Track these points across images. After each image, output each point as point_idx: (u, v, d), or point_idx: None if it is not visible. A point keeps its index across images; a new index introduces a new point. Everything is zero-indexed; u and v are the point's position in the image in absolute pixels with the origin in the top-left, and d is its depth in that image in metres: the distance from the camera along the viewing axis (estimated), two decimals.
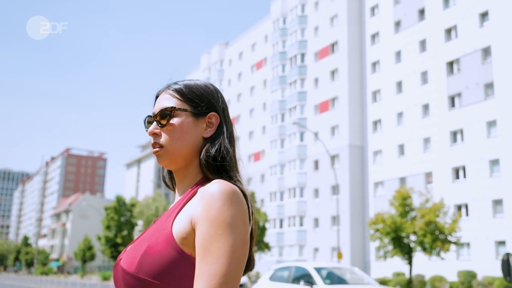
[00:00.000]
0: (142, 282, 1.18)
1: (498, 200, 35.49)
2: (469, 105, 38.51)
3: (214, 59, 71.63)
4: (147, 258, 1.19)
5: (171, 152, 1.33)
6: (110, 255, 61.13)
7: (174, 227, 1.22)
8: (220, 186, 1.21)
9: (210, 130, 1.36)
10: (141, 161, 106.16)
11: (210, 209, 1.18)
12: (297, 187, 51.57)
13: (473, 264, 35.27)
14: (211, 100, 1.38)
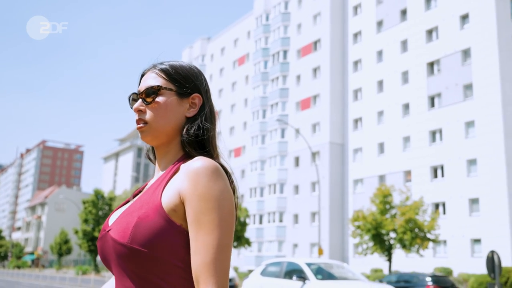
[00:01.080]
0: (135, 252, 1.24)
1: (475, 199, 36.30)
2: (448, 105, 39.24)
3: (196, 54, 71.49)
4: (139, 228, 1.25)
5: (154, 129, 1.39)
6: (88, 249, 60.61)
7: (163, 199, 1.29)
8: (203, 163, 1.28)
9: (193, 110, 1.43)
10: (119, 155, 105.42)
11: (198, 185, 1.25)
12: (278, 183, 51.92)
13: (449, 261, 36.04)
14: (195, 81, 1.45)
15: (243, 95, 61.20)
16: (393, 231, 27.82)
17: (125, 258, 1.26)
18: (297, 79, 53.22)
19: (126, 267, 1.28)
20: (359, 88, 47.81)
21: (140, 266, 1.26)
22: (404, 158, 41.91)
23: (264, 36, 58.21)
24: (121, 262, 1.28)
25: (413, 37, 43.18)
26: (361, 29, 48.66)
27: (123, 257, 1.26)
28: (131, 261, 1.26)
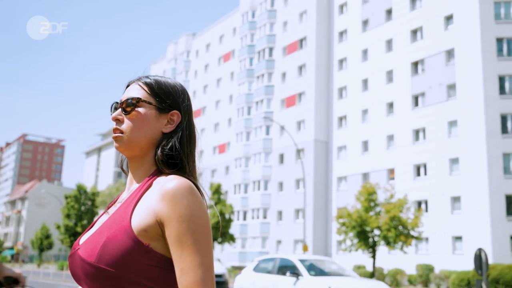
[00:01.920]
0: (102, 272, 1.26)
1: (457, 197, 36.92)
2: (432, 105, 39.79)
3: (181, 49, 71.28)
4: (106, 249, 1.26)
5: (129, 139, 1.40)
6: (70, 244, 60.28)
7: (132, 219, 1.29)
8: (178, 182, 1.29)
9: (170, 126, 1.44)
10: (102, 150, 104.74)
11: (176, 206, 1.26)
12: (262, 179, 52.15)
13: (431, 258, 36.61)
14: (176, 98, 1.46)
15: (228, 91, 61.26)
16: (378, 228, 28.20)
17: (93, 277, 1.27)
18: (283, 76, 53.45)
19: (94, 286, 1.29)
20: (344, 86, 48.21)
21: (107, 286, 1.27)
22: (387, 156, 42.42)
23: (250, 33, 58.32)
24: (89, 281, 1.29)
25: (398, 36, 43.67)
26: (346, 27, 49.04)
27: (91, 276, 1.28)
28: (98, 280, 1.27)
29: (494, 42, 37.27)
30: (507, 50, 37.27)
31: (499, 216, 34.31)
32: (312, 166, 47.23)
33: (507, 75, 36.73)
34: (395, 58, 43.44)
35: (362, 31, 47.22)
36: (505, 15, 37.79)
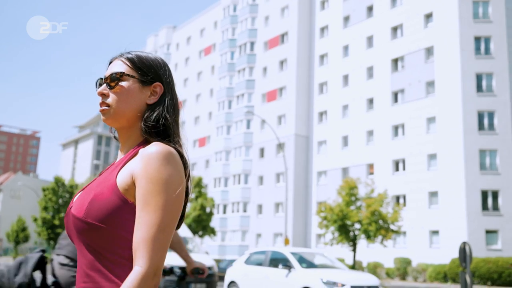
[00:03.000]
0: (90, 226, 1.36)
1: (434, 192, 37.72)
2: (411, 101, 40.48)
3: (161, 42, 70.94)
4: (94, 204, 1.37)
5: (115, 112, 1.49)
6: (47, 237, 59.72)
7: (118, 179, 1.41)
8: (158, 148, 1.38)
9: (153, 98, 1.52)
10: (79, 142, 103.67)
11: (148, 167, 1.35)
12: (242, 173, 52.41)
13: (408, 252, 37.37)
14: (157, 71, 1.54)
15: (208, 85, 61.25)
16: (358, 223, 28.73)
17: (82, 231, 1.38)
18: (264, 71, 53.68)
19: (83, 241, 1.40)
20: (325, 82, 48.67)
21: (94, 239, 1.38)
22: (367, 152, 43.04)
23: (231, 27, 58.36)
24: (79, 236, 1.40)
25: (379, 33, 44.24)
26: (328, 23, 49.45)
27: (80, 230, 1.39)
28: (86, 234, 1.38)
29: (472, 40, 38.03)
30: (485, 48, 38.08)
31: (475, 211, 35.18)
32: (293, 161, 47.64)
33: (484, 73, 37.55)
34: (376, 55, 44.02)
35: (343, 27, 47.68)
36: (483, 14, 38.58)
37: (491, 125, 36.77)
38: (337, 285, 10.84)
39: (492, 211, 35.22)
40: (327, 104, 47.68)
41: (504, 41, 37.71)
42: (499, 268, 27.29)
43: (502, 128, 36.44)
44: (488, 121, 36.84)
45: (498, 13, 38.24)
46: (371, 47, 44.87)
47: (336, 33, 48.20)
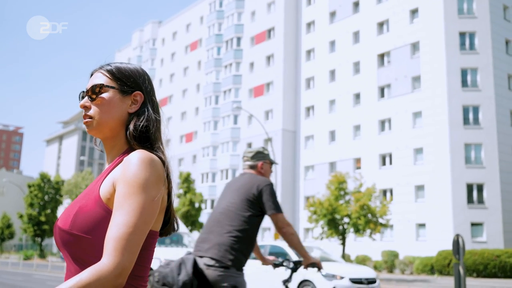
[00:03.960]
0: (75, 237, 1.38)
1: (420, 186, 38.27)
2: (397, 96, 40.94)
3: (147, 37, 70.62)
4: (78, 216, 1.39)
5: (98, 123, 1.52)
6: (33, 233, 59.33)
7: (101, 189, 1.43)
8: (139, 154, 1.42)
9: (134, 106, 1.55)
10: (63, 138, 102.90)
11: (127, 172, 1.39)
12: (230, 168, 52.55)
13: (395, 245, 37.89)
14: (137, 80, 1.57)
15: (195, 80, 61.19)
16: (347, 217, 29.09)
17: (68, 243, 1.40)
18: (251, 66, 53.80)
19: (70, 252, 1.42)
20: (312, 77, 48.96)
21: (80, 250, 1.40)
22: (354, 146, 43.45)
23: (218, 22, 58.33)
24: (66, 247, 1.42)
25: (365, 29, 44.60)
26: (314, 19, 49.70)
27: (66, 242, 1.41)
28: (72, 246, 1.40)
29: (457, 36, 38.55)
30: (469, 44, 38.64)
31: (460, 204, 35.78)
32: (280, 155, 47.91)
33: (469, 68, 38.11)
34: (362, 50, 44.39)
35: (330, 22, 47.96)
36: (467, 10, 39.11)
37: (476, 120, 37.37)
38: (336, 278, 11.10)
39: (477, 204, 35.86)
40: (314, 99, 47.98)
41: (489, 37, 38.30)
42: (485, 260, 27.85)
43: (486, 123, 37.06)
44: (473, 116, 37.44)
45: (483, 9, 38.81)
46: (357, 43, 45.22)
47: (323, 29, 48.47)
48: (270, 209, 4.02)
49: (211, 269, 3.85)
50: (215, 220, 4.08)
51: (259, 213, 4.07)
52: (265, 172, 4.32)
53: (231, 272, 3.86)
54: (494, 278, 27.27)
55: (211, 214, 4.17)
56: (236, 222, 3.97)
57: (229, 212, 4.02)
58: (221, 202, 4.18)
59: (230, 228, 3.95)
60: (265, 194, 4.04)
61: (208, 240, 3.97)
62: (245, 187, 4.09)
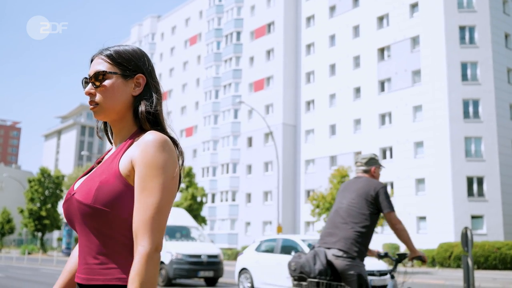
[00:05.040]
0: (97, 211, 1.45)
1: (421, 179, 38.58)
2: (398, 90, 41.17)
3: (146, 32, 70.58)
4: (101, 191, 1.46)
5: (105, 109, 1.58)
6: (34, 228, 59.45)
7: (120, 166, 1.50)
8: (154, 136, 1.49)
9: (138, 89, 1.61)
10: (62, 133, 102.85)
11: (145, 154, 1.46)
12: (230, 162, 52.79)
13: (396, 238, 38.05)
14: (137, 63, 1.62)
15: (195, 75, 61.27)
16: None
17: (89, 216, 1.47)
18: (251, 60, 53.91)
19: (90, 225, 1.48)
20: (312, 71, 49.13)
21: (102, 223, 1.47)
22: (354, 140, 43.71)
23: (217, 17, 58.37)
24: (86, 221, 1.48)
25: (365, 23, 44.75)
26: (314, 13, 49.81)
27: (87, 216, 1.47)
28: (94, 219, 1.47)
29: (457, 30, 38.76)
30: (469, 38, 38.86)
31: (460, 197, 36.11)
32: (281, 149, 48.13)
33: (469, 62, 38.36)
34: (362, 44, 44.56)
35: (329, 17, 48.09)
36: (467, 4, 39.30)
37: (476, 113, 37.65)
38: None
39: (478, 197, 36.20)
40: (315, 93, 48.18)
41: (488, 31, 38.53)
42: (486, 252, 28.22)
43: (486, 116, 37.35)
44: (473, 109, 37.72)
45: (482, 3, 39.01)
46: (357, 37, 45.38)
47: (323, 23, 48.60)
48: (386, 208, 4.71)
49: (339, 259, 4.49)
50: (338, 217, 4.75)
51: (376, 211, 4.74)
52: (377, 175, 5.00)
53: (356, 262, 4.55)
54: (495, 270, 27.63)
55: (332, 211, 4.81)
56: (358, 219, 4.63)
57: (351, 211, 4.68)
58: (342, 201, 4.84)
59: (353, 225, 4.61)
60: (381, 195, 4.73)
61: (334, 235, 4.65)
62: (363, 189, 4.76)
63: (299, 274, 4.63)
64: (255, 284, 13.34)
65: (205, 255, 15.65)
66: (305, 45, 50.12)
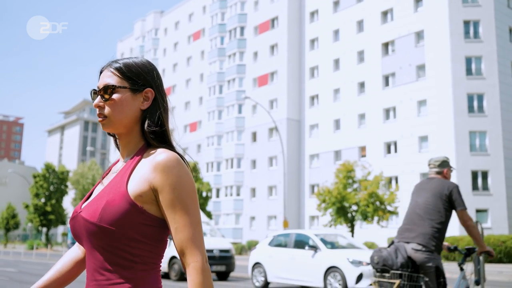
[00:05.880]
0: (103, 229, 1.47)
1: (426, 173, 38.62)
2: (402, 85, 41.28)
3: (149, 27, 70.65)
4: (107, 210, 1.48)
5: (113, 122, 1.59)
6: (39, 223, 59.77)
7: (129, 186, 1.51)
8: (168, 155, 1.51)
9: (146, 103, 1.61)
10: (65, 128, 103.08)
11: (168, 176, 1.49)
12: (235, 157, 52.99)
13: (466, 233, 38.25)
14: (146, 77, 1.62)
15: (198, 70, 61.39)
16: (355, 204, 29.59)
17: (95, 234, 1.49)
18: (254, 55, 54.00)
19: (95, 243, 1.50)
20: (316, 66, 49.23)
21: (107, 241, 1.48)
22: (359, 135, 43.86)
23: (221, 12, 58.42)
24: (92, 239, 1.50)
25: (369, 17, 44.81)
26: (318, 8, 49.86)
27: (93, 233, 1.49)
28: (100, 237, 1.48)
29: (462, 24, 38.82)
30: (474, 32, 38.93)
31: (465, 191, 36.21)
32: (285, 144, 48.29)
33: (474, 57, 38.45)
34: (366, 39, 44.63)
35: (333, 11, 48.14)
36: None
37: (481, 107, 37.78)
38: (362, 264, 11.57)
39: (482, 191, 36.38)
40: (319, 88, 48.30)
41: (493, 25, 38.59)
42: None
43: (491, 110, 37.47)
44: (477, 104, 37.84)
45: None
46: (361, 32, 45.45)
47: (326, 18, 48.65)
48: (459, 206, 5.15)
49: (418, 253, 4.94)
50: (415, 214, 5.22)
51: (450, 208, 5.18)
52: (449, 176, 5.44)
53: (434, 255, 4.99)
54: (500, 264, 27.80)
55: (409, 209, 5.27)
56: (434, 216, 5.09)
57: (427, 209, 5.14)
58: (417, 200, 5.31)
59: (430, 221, 5.07)
60: (455, 194, 5.17)
61: (412, 230, 5.13)
62: (438, 189, 5.22)
63: (382, 267, 5.11)
64: (269, 278, 13.54)
65: (217, 250, 15.87)
66: (309, 40, 50.19)
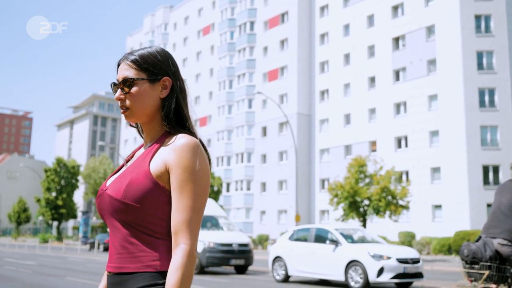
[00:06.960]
0: (127, 206, 1.56)
1: (436, 168, 38.86)
2: (413, 79, 41.33)
3: (158, 22, 70.87)
4: (130, 187, 1.57)
5: (135, 113, 1.68)
6: (51, 217, 60.41)
7: (151, 166, 1.60)
8: (187, 140, 1.58)
9: (165, 91, 1.69)
10: (74, 123, 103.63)
11: (182, 158, 1.55)
12: (245, 152, 53.24)
13: (412, 226, 38.60)
14: (162, 66, 1.69)
15: (208, 65, 61.60)
16: (367, 199, 29.76)
17: (119, 210, 1.58)
18: (264, 50, 54.13)
19: (120, 218, 1.60)
20: (326, 61, 49.30)
21: (130, 217, 1.58)
22: (369, 129, 43.97)
23: (230, 7, 58.52)
24: (115, 214, 1.60)
25: (379, 12, 44.82)
26: (328, 2, 49.86)
27: (118, 210, 1.58)
28: (124, 213, 1.58)
29: (473, 19, 38.78)
30: (485, 26, 38.89)
31: (476, 185, 36.39)
32: (295, 139, 48.42)
33: (485, 51, 38.43)
34: (376, 34, 44.66)
35: (344, 6, 48.16)
36: None
37: (492, 102, 37.81)
38: (383, 258, 11.80)
39: (493, 186, 36.40)
40: (329, 83, 48.40)
41: (504, 19, 38.53)
42: None
43: (502, 105, 37.50)
44: (488, 98, 37.86)
45: None
46: (372, 26, 45.47)
47: (337, 12, 48.68)
48: None
49: (504, 247, 5.44)
50: (500, 212, 5.68)
51: None
52: None
53: None
54: None
55: (494, 208, 5.76)
56: None
57: (510, 207, 5.63)
58: (501, 200, 5.78)
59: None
60: None
61: (497, 227, 5.63)
62: None
63: (472, 259, 5.63)
64: (289, 272, 13.82)
65: (236, 244, 16.15)
66: (319, 35, 50.25)
